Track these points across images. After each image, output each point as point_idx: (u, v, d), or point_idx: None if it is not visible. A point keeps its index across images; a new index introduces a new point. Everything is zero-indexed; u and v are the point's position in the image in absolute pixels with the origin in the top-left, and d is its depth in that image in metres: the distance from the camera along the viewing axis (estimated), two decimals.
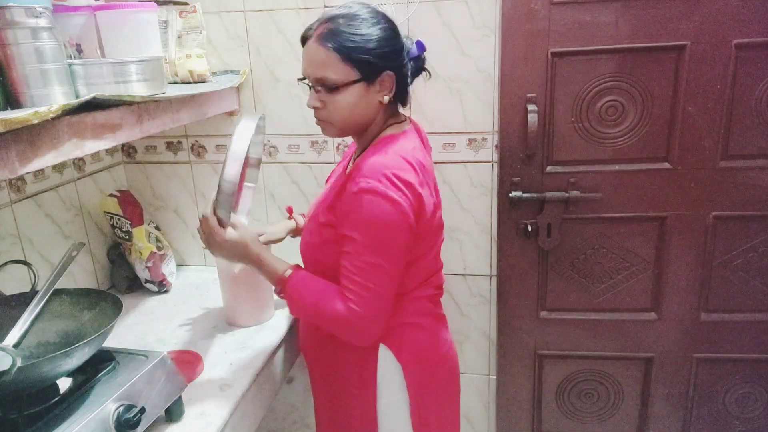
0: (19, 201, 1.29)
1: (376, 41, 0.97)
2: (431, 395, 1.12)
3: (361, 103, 1.00)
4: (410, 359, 1.08)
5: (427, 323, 1.11)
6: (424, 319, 1.11)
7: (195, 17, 1.42)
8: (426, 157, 1.07)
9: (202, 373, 1.16)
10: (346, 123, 1.03)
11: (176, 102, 1.19)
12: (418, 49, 1.05)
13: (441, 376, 1.14)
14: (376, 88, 1.00)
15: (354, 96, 0.99)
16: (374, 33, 0.97)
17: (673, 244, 1.47)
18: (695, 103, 1.36)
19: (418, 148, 1.04)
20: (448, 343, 1.17)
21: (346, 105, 1.00)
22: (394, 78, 1.01)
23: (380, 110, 1.04)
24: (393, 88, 1.01)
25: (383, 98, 1.01)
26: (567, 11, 1.34)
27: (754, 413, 1.60)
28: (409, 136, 1.06)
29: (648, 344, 1.56)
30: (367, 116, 1.03)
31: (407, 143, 1.03)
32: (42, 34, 0.81)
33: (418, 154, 1.02)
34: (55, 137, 0.81)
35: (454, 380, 1.20)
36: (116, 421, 0.85)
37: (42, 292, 1.00)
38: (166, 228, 1.73)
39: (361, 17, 0.98)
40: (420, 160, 1.01)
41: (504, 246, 1.54)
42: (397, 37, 1.02)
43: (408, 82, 1.06)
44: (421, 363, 1.10)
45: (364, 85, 0.99)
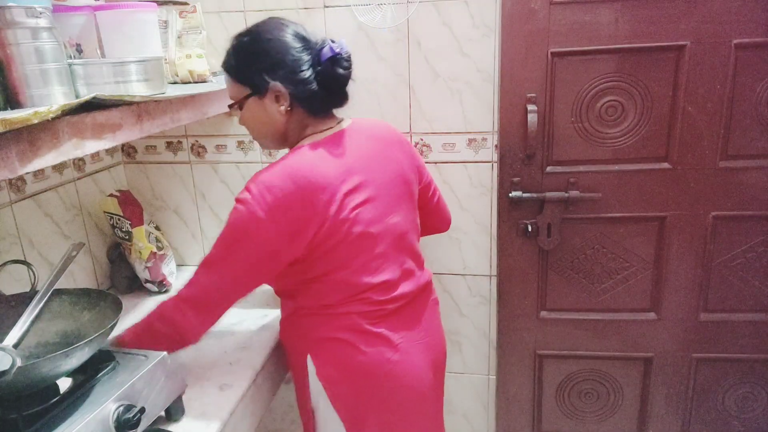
0: (19, 201, 1.29)
1: (255, 55, 1.02)
2: (370, 418, 1.09)
3: (262, 116, 1.05)
4: (331, 375, 1.08)
5: (353, 340, 1.05)
6: (351, 335, 1.05)
7: (195, 17, 1.42)
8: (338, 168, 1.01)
9: (202, 373, 1.16)
10: (259, 136, 1.10)
11: (176, 102, 1.18)
12: (329, 51, 1.00)
13: (379, 397, 1.08)
14: (271, 100, 1.03)
15: (252, 111, 1.05)
16: (256, 47, 1.02)
17: (673, 244, 1.47)
18: (695, 103, 1.36)
19: (324, 158, 1.00)
20: (389, 366, 1.07)
21: (249, 120, 1.07)
22: (283, 89, 1.01)
23: (289, 120, 1.05)
24: (287, 99, 1.02)
25: (281, 108, 1.03)
26: (567, 11, 1.34)
27: (754, 413, 1.60)
28: (318, 146, 1.02)
29: (648, 344, 1.56)
30: (274, 127, 1.06)
31: (307, 156, 1.00)
32: (42, 34, 0.80)
33: (319, 167, 0.98)
34: (55, 137, 0.81)
35: (405, 403, 1.11)
36: (116, 421, 0.85)
37: (42, 292, 1.00)
38: (166, 228, 1.73)
39: (248, 34, 1.04)
40: (309, 176, 0.97)
41: (504, 246, 1.54)
42: (287, 49, 1.00)
43: (312, 89, 1.01)
44: (345, 381, 1.07)
45: (256, 99, 1.03)
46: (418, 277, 1.14)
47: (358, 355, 1.05)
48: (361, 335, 1.06)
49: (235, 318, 1.40)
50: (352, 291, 1.05)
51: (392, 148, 1.12)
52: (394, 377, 1.07)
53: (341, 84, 1.05)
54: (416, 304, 1.14)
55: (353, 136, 1.08)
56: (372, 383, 1.07)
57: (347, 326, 1.06)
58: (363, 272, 1.04)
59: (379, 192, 1.05)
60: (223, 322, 1.36)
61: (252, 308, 1.45)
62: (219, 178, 1.66)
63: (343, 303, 1.05)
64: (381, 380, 1.07)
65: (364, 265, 1.04)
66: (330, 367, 1.08)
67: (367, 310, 1.05)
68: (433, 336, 1.17)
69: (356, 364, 1.06)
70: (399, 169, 1.11)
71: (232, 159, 1.63)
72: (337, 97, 1.07)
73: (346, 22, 1.45)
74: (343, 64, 1.03)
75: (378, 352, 1.06)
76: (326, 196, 0.98)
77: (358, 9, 1.41)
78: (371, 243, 1.04)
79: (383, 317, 1.07)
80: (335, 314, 1.06)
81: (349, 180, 1.01)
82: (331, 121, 1.09)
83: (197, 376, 1.15)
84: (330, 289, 1.05)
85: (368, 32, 1.45)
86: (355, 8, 1.41)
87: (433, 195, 1.28)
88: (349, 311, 1.05)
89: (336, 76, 1.02)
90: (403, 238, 1.10)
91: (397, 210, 1.09)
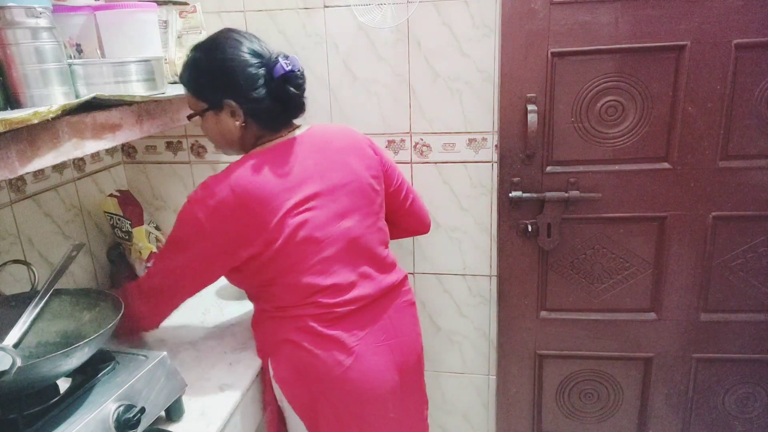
0: (19, 201, 1.29)
1: (210, 73, 1.06)
2: (326, 419, 1.10)
3: (218, 128, 1.10)
4: (286, 377, 1.11)
5: (306, 342, 1.07)
6: (304, 337, 1.07)
7: (195, 17, 1.42)
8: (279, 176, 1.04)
9: (202, 373, 1.16)
10: (218, 145, 1.16)
11: (176, 102, 1.19)
12: (281, 69, 1.03)
13: (334, 399, 1.09)
14: (227, 114, 1.07)
15: (210, 123, 1.10)
16: (211, 65, 1.05)
17: (673, 244, 1.47)
18: (695, 103, 1.36)
19: (266, 169, 1.04)
20: (340, 365, 1.07)
21: (208, 130, 1.13)
22: (237, 106, 1.05)
23: (243, 134, 1.09)
24: (241, 115, 1.06)
25: (236, 123, 1.07)
26: (567, 11, 1.34)
27: (754, 413, 1.60)
28: (266, 154, 1.06)
29: (648, 344, 1.56)
30: (231, 139, 1.11)
31: (247, 168, 1.04)
32: (42, 34, 0.80)
33: (259, 178, 1.02)
34: (55, 137, 0.81)
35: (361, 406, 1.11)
36: (116, 421, 0.85)
37: (42, 292, 1.00)
38: (166, 228, 1.73)
39: (203, 49, 1.07)
40: (248, 187, 1.01)
41: (504, 246, 1.54)
42: (241, 66, 1.03)
43: (265, 106, 1.05)
44: (300, 383, 1.10)
45: (213, 113, 1.08)
46: (379, 280, 1.14)
47: (311, 358, 1.07)
48: (314, 338, 1.07)
49: (235, 318, 1.40)
50: (302, 293, 1.07)
51: (347, 154, 1.13)
52: (348, 380, 1.08)
53: (294, 100, 1.08)
54: (377, 306, 1.13)
55: (303, 143, 1.10)
56: (325, 385, 1.08)
57: (300, 328, 1.08)
58: (310, 275, 1.06)
59: (327, 199, 1.07)
60: (224, 322, 1.38)
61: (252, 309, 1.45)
62: None
63: (295, 306, 1.08)
64: (334, 382, 1.08)
65: (311, 268, 1.06)
66: (285, 369, 1.10)
67: (318, 313, 1.07)
68: (400, 338, 1.16)
69: (310, 366, 1.08)
70: (353, 175, 1.12)
71: (232, 159, 1.63)
72: (290, 111, 1.11)
73: (346, 22, 1.45)
74: (295, 81, 1.06)
75: (330, 355, 1.07)
76: (265, 206, 1.02)
77: (358, 9, 1.41)
78: (317, 247, 1.06)
79: (336, 320, 1.08)
80: (289, 317, 1.09)
81: (292, 189, 1.04)
82: (285, 129, 1.12)
83: (197, 376, 1.14)
84: (282, 292, 1.08)
85: (368, 32, 1.45)
86: (355, 8, 1.41)
87: (405, 198, 1.29)
88: (301, 314, 1.07)
89: (287, 93, 1.06)
90: (356, 243, 1.11)
91: (349, 215, 1.10)
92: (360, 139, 1.19)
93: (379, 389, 1.11)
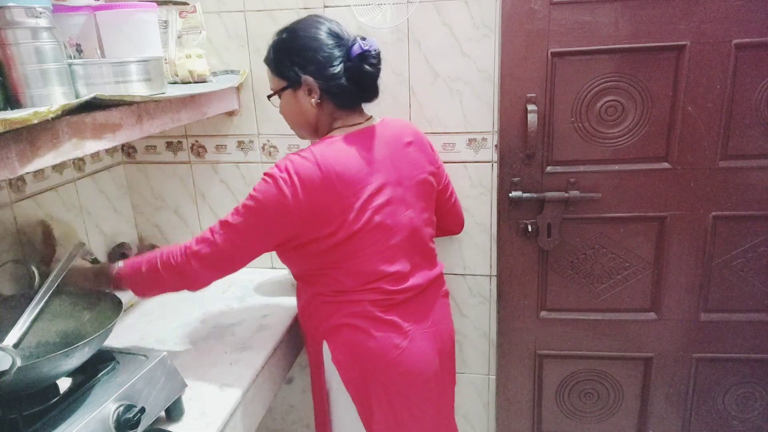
0: (19, 201, 1.29)
1: (291, 52, 1.10)
2: (384, 407, 1.14)
3: (295, 107, 1.13)
4: (344, 360, 1.14)
5: (364, 326, 1.12)
6: (363, 322, 1.12)
7: (195, 17, 1.42)
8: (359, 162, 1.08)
9: (202, 373, 1.16)
10: (293, 125, 1.19)
11: (176, 102, 1.19)
12: (359, 48, 1.07)
13: (394, 387, 1.14)
14: (304, 92, 1.11)
15: (287, 102, 1.14)
16: (292, 44, 1.10)
17: (673, 244, 1.47)
18: (695, 103, 1.36)
19: (352, 152, 1.07)
20: (396, 348, 1.13)
21: (285, 110, 1.16)
22: (315, 83, 1.08)
23: (320, 112, 1.12)
24: (317, 92, 1.09)
25: (312, 101, 1.10)
26: (567, 11, 1.34)
27: (754, 413, 1.60)
28: (347, 139, 1.09)
29: (648, 344, 1.56)
30: (306, 118, 1.14)
31: (336, 147, 1.07)
32: (42, 34, 0.81)
33: (347, 159, 1.06)
34: (55, 137, 0.81)
35: (410, 387, 1.16)
36: (116, 421, 0.85)
37: (42, 292, 1.00)
38: (166, 228, 1.73)
39: (286, 31, 1.12)
40: (336, 166, 1.04)
41: (504, 246, 1.54)
42: (319, 45, 1.08)
43: (341, 84, 1.09)
44: (356, 365, 1.13)
45: (291, 91, 1.12)
46: (427, 271, 1.20)
47: (369, 341, 1.11)
48: (372, 321, 1.12)
49: (236, 318, 1.40)
50: (366, 279, 1.11)
51: (414, 148, 1.18)
52: (401, 363, 1.13)
53: (369, 79, 1.11)
54: (425, 296, 1.20)
55: (381, 134, 1.15)
56: (381, 367, 1.12)
57: (358, 313, 1.12)
58: (377, 262, 1.11)
59: (399, 189, 1.12)
60: (224, 321, 1.38)
61: (252, 308, 1.45)
62: (219, 178, 1.66)
63: (356, 290, 1.11)
64: (390, 365, 1.12)
65: (378, 254, 1.10)
66: (343, 352, 1.14)
67: (378, 299, 1.12)
68: (440, 326, 1.23)
69: (367, 349, 1.12)
70: (420, 169, 1.18)
71: (232, 159, 1.63)
72: (365, 92, 1.14)
73: (346, 22, 1.44)
74: (371, 60, 1.09)
75: (387, 337, 1.12)
76: (349, 188, 1.05)
77: (358, 9, 1.41)
78: (387, 234, 1.10)
79: (393, 306, 1.13)
80: (349, 301, 1.12)
81: (373, 175, 1.08)
82: (360, 116, 1.16)
83: (197, 376, 1.15)
84: (343, 276, 1.11)
85: (368, 32, 1.45)
86: (355, 8, 1.41)
87: (450, 196, 1.36)
88: (361, 299, 1.12)
89: (364, 72, 1.09)
90: (416, 234, 1.16)
91: (413, 207, 1.15)
92: (423, 135, 1.25)
93: (426, 372, 1.17)
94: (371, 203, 1.07)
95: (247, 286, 1.58)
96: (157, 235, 1.75)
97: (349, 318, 1.12)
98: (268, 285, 1.59)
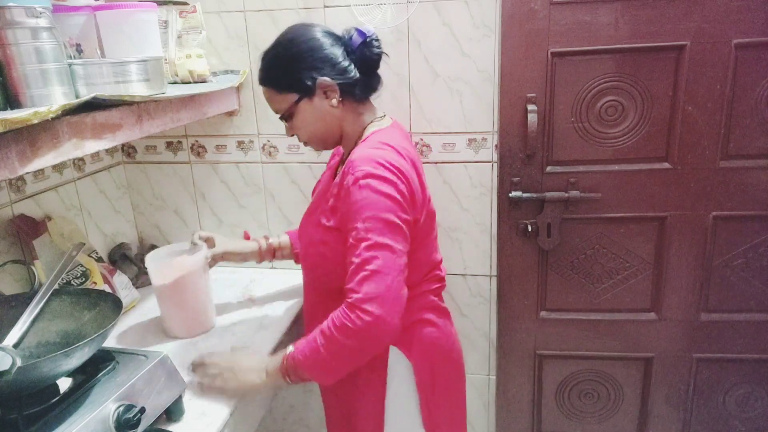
0: (20, 201, 1.29)
1: (295, 60, 1.04)
2: (440, 392, 1.13)
3: (316, 115, 1.06)
4: (420, 357, 1.10)
5: (435, 318, 1.12)
6: (432, 314, 1.12)
7: (195, 17, 1.42)
8: (412, 150, 1.11)
9: None
10: (316, 137, 1.10)
11: (176, 102, 1.19)
12: (360, 36, 1.05)
13: (449, 372, 1.15)
14: (321, 97, 1.05)
15: (305, 113, 1.06)
16: (293, 52, 1.04)
17: (673, 244, 1.47)
18: (695, 103, 1.36)
19: (404, 139, 1.10)
20: (453, 337, 1.17)
21: (304, 123, 1.07)
22: (331, 81, 1.03)
23: (343, 112, 1.07)
24: (336, 90, 1.04)
25: (333, 102, 1.05)
26: (567, 11, 1.34)
27: (754, 413, 1.60)
28: (392, 130, 1.10)
29: (648, 344, 1.56)
30: (331, 124, 1.08)
31: (392, 134, 1.07)
32: (42, 34, 0.80)
33: (405, 144, 1.06)
34: (55, 137, 0.81)
35: (461, 376, 1.20)
36: (116, 421, 0.85)
37: (42, 292, 1.00)
38: (166, 228, 1.73)
39: (279, 44, 1.07)
40: (408, 150, 1.05)
41: (504, 246, 1.54)
42: (321, 45, 1.04)
43: (353, 76, 1.05)
44: (431, 360, 1.11)
45: (307, 101, 1.05)
46: None
47: (439, 333, 1.12)
48: (438, 312, 1.13)
49: (236, 318, 1.40)
50: (427, 269, 1.11)
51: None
52: (456, 348, 1.17)
53: (377, 64, 1.10)
54: None
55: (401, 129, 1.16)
56: (446, 356, 1.14)
57: (426, 305, 1.11)
58: (433, 250, 1.13)
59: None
60: (224, 321, 1.38)
61: (252, 309, 1.45)
62: (219, 178, 1.66)
63: (420, 282, 1.10)
64: (452, 351, 1.16)
65: (432, 242, 1.13)
66: (418, 351, 1.10)
67: (436, 287, 1.14)
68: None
69: (437, 341, 1.12)
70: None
71: (232, 159, 1.63)
72: (375, 79, 1.12)
73: (346, 22, 1.44)
74: (374, 44, 1.08)
75: (448, 327, 1.16)
76: (416, 171, 1.04)
77: (358, 9, 1.41)
78: (434, 222, 1.13)
79: (441, 292, 1.17)
80: (416, 295, 1.08)
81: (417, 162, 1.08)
82: (378, 110, 1.15)
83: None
84: (413, 269, 1.01)
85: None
86: (355, 8, 1.41)
87: None
88: (424, 290, 1.11)
89: (371, 57, 1.07)
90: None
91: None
92: None
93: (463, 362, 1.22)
94: (427, 192, 1.08)
95: (247, 285, 1.58)
96: (157, 235, 1.75)
97: (420, 313, 1.10)
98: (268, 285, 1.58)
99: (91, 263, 1.35)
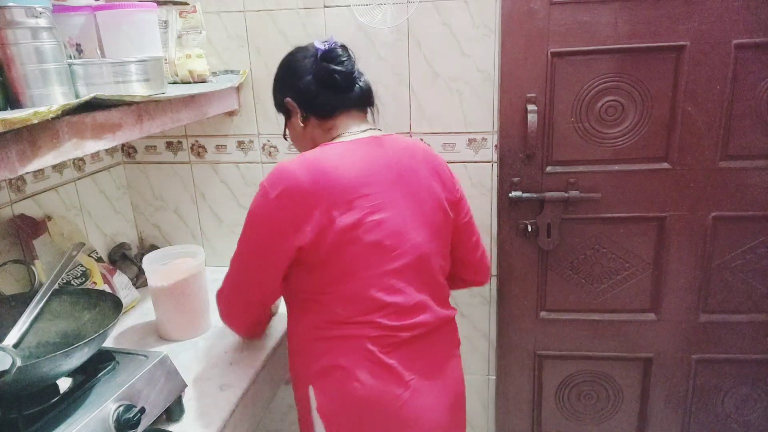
0: (19, 201, 1.29)
1: (275, 84, 1.14)
2: None
3: (293, 133, 1.15)
4: (331, 409, 0.98)
5: (359, 369, 0.95)
6: (358, 363, 0.96)
7: (195, 17, 1.42)
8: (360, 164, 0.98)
9: (202, 373, 1.16)
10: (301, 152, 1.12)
11: (176, 102, 1.19)
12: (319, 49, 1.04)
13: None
14: (295, 116, 1.10)
15: (291, 131, 1.15)
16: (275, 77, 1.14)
17: (673, 245, 1.47)
18: (695, 103, 1.36)
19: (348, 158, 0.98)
20: (397, 399, 0.96)
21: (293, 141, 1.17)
22: (292, 102, 1.08)
23: (310, 129, 1.09)
24: (298, 110, 1.08)
25: (299, 120, 1.09)
26: (567, 11, 1.34)
27: (753, 415, 1.60)
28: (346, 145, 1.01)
29: (647, 345, 1.56)
30: (305, 140, 1.12)
31: (329, 153, 0.99)
32: (42, 34, 0.80)
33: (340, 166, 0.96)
34: (55, 137, 0.81)
35: None
36: (116, 421, 0.85)
37: (42, 292, 1.00)
38: (166, 228, 1.73)
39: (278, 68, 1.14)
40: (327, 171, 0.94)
41: (504, 246, 1.54)
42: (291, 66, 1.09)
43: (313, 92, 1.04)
44: (346, 416, 0.97)
45: (289, 122, 1.14)
46: (436, 310, 1.03)
47: (364, 390, 0.95)
48: (371, 365, 0.96)
49: None
50: (361, 308, 0.96)
51: (426, 168, 1.05)
52: (403, 418, 0.97)
53: (343, 77, 1.03)
54: (432, 338, 1.03)
55: (384, 145, 1.03)
56: (377, 421, 0.97)
57: (355, 351, 0.96)
58: (373, 288, 0.96)
59: (402, 207, 0.98)
60: (222, 323, 1.37)
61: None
62: (219, 178, 1.66)
63: (352, 323, 0.96)
64: (388, 419, 0.97)
65: (375, 279, 0.96)
66: (332, 401, 0.98)
67: (377, 335, 0.96)
68: (449, 378, 1.07)
69: (361, 399, 0.96)
70: (430, 191, 1.03)
71: (232, 159, 1.63)
72: (343, 93, 1.04)
73: (346, 22, 1.45)
74: (335, 55, 1.03)
75: (387, 387, 0.96)
76: (341, 196, 0.93)
77: (358, 9, 1.41)
78: (385, 256, 0.96)
79: (396, 346, 0.97)
80: (343, 336, 0.97)
81: (370, 185, 0.96)
82: (360, 125, 1.06)
83: (197, 376, 1.15)
84: (337, 303, 0.97)
85: (368, 32, 1.45)
86: (355, 8, 1.41)
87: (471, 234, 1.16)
88: (358, 334, 0.96)
89: (331, 71, 1.02)
90: (424, 262, 1.01)
91: (421, 230, 1.00)
92: (441, 160, 1.10)
93: (431, 430, 1.01)
94: (366, 218, 0.94)
95: None
96: (157, 235, 1.75)
97: (342, 357, 0.96)
98: None
99: (91, 263, 1.35)
